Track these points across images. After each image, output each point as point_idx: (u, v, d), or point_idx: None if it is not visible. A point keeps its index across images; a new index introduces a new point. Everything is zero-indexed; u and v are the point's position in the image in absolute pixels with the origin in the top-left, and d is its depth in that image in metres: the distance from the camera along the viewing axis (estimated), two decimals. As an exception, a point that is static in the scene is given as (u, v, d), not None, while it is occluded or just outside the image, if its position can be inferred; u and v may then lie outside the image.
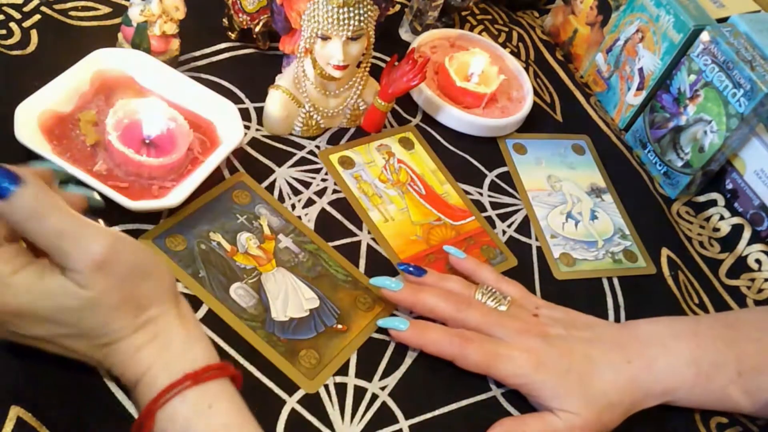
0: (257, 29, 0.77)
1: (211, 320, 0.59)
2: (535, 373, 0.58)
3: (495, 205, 0.76)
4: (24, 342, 0.48)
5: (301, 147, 0.73)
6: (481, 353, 0.59)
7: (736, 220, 0.83)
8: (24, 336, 0.47)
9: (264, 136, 0.73)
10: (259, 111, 0.73)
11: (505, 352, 0.59)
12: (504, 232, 0.74)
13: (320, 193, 0.70)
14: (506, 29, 0.95)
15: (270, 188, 0.69)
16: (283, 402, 0.56)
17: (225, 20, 0.79)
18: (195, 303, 0.59)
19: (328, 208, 0.69)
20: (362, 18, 0.66)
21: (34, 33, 0.72)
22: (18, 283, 0.44)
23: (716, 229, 0.83)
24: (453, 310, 0.60)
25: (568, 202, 0.79)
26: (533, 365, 0.58)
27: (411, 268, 0.63)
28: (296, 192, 0.69)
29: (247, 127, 0.72)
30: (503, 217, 0.75)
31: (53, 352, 0.48)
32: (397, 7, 0.90)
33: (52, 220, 0.44)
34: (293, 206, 0.68)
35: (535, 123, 0.85)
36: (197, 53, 0.77)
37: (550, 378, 0.58)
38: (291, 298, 0.62)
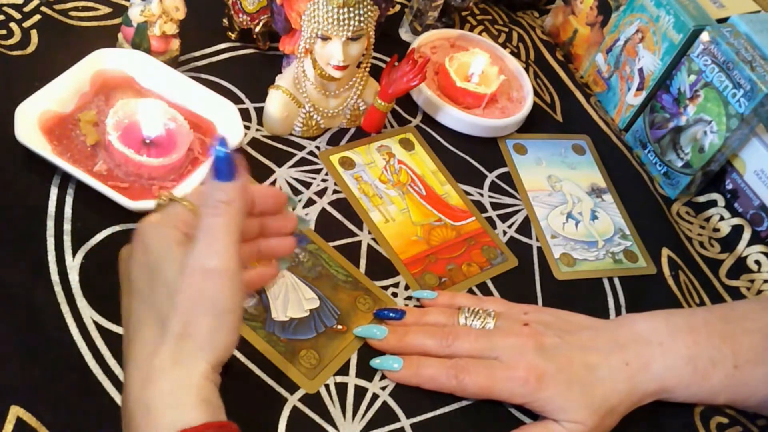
0: (257, 29, 0.77)
1: (212, 320, 0.59)
2: (537, 391, 0.58)
3: (495, 206, 0.76)
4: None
5: (301, 147, 0.73)
6: (478, 381, 0.58)
7: (736, 220, 0.83)
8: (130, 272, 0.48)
9: (264, 136, 0.73)
10: (259, 111, 0.73)
11: (503, 374, 0.58)
12: (504, 233, 0.73)
13: (320, 193, 0.70)
14: (506, 29, 0.95)
15: (270, 188, 0.69)
16: (285, 400, 0.56)
17: (225, 20, 0.79)
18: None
19: (329, 209, 0.69)
20: (362, 18, 0.66)
21: (34, 33, 0.72)
22: (159, 229, 0.47)
23: (716, 230, 0.83)
24: (441, 347, 0.60)
25: (569, 203, 0.79)
26: (534, 383, 0.58)
27: (391, 314, 0.62)
28: (296, 192, 0.69)
29: (247, 128, 0.72)
30: (504, 218, 0.75)
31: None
32: (397, 8, 0.90)
33: (218, 219, 0.45)
34: (293, 206, 0.68)
35: (536, 123, 0.85)
36: (197, 53, 0.77)
37: (553, 393, 0.58)
38: (291, 298, 0.62)
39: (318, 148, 0.74)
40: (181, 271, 0.45)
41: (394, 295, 0.65)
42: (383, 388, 0.59)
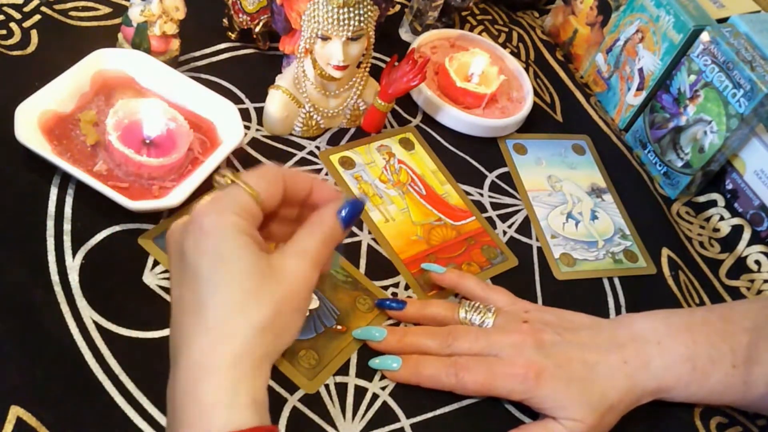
0: (257, 29, 0.77)
1: (212, 320, 0.59)
2: (535, 388, 0.58)
3: (495, 206, 0.76)
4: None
5: (301, 147, 0.73)
6: (478, 378, 0.58)
7: (736, 220, 0.83)
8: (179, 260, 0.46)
9: (264, 136, 0.73)
10: (259, 111, 0.73)
11: (502, 371, 0.58)
12: (504, 233, 0.73)
13: (320, 193, 0.70)
14: (506, 29, 0.95)
15: (270, 188, 0.69)
16: (285, 400, 0.56)
17: (225, 20, 0.79)
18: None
19: (329, 208, 0.69)
20: (362, 18, 0.66)
21: (34, 33, 0.72)
22: (220, 216, 0.45)
23: (716, 230, 0.83)
24: (441, 347, 0.60)
25: (569, 203, 0.79)
26: (533, 380, 0.58)
27: (392, 303, 0.63)
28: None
29: (247, 127, 0.72)
30: (504, 218, 0.75)
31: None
32: (397, 8, 0.90)
33: (325, 250, 0.48)
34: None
35: (536, 123, 0.85)
36: (197, 53, 0.77)
37: (551, 391, 0.58)
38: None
39: (318, 148, 0.74)
40: (277, 270, 0.45)
41: (394, 294, 0.65)
42: (383, 388, 0.59)
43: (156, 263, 0.60)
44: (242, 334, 0.43)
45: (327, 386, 0.58)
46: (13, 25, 0.72)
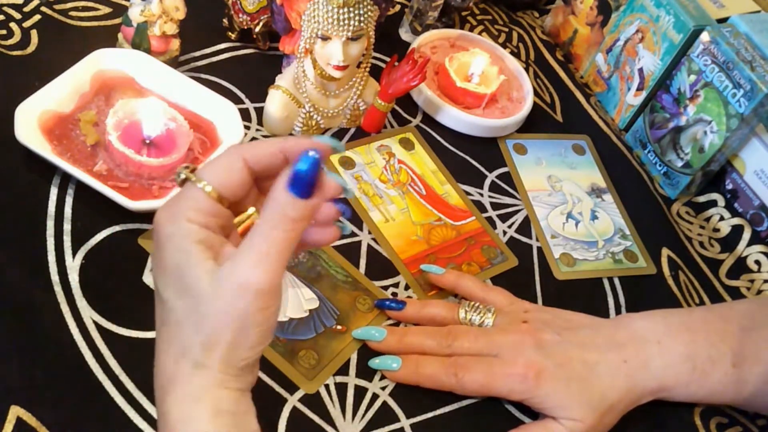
0: (257, 29, 0.77)
1: (212, 320, 0.59)
2: (535, 388, 0.58)
3: (495, 206, 0.76)
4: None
5: (301, 147, 0.73)
6: (478, 378, 0.58)
7: (736, 220, 0.83)
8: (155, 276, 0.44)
9: (264, 136, 0.73)
10: (259, 111, 0.73)
11: (502, 371, 0.58)
12: (504, 233, 0.73)
13: (320, 193, 0.70)
14: (506, 29, 0.95)
15: (270, 188, 0.69)
16: (285, 400, 0.56)
17: (225, 20, 0.79)
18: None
19: (329, 208, 0.69)
20: (362, 18, 0.66)
21: (34, 33, 0.72)
22: (173, 227, 0.42)
23: (716, 230, 0.83)
24: (441, 347, 0.60)
25: (569, 203, 0.79)
26: (533, 380, 0.58)
27: (392, 304, 0.63)
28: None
29: (247, 128, 0.72)
30: (504, 218, 0.75)
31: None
32: (397, 8, 0.90)
33: (280, 234, 0.41)
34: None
35: (536, 123, 0.85)
36: (197, 53, 0.77)
37: (551, 390, 0.58)
38: (290, 298, 0.62)
39: (318, 148, 0.74)
40: (216, 278, 0.41)
41: (394, 295, 0.65)
42: (383, 388, 0.59)
43: (156, 263, 0.60)
44: (194, 353, 0.42)
45: (327, 386, 0.58)
46: (13, 25, 0.72)
